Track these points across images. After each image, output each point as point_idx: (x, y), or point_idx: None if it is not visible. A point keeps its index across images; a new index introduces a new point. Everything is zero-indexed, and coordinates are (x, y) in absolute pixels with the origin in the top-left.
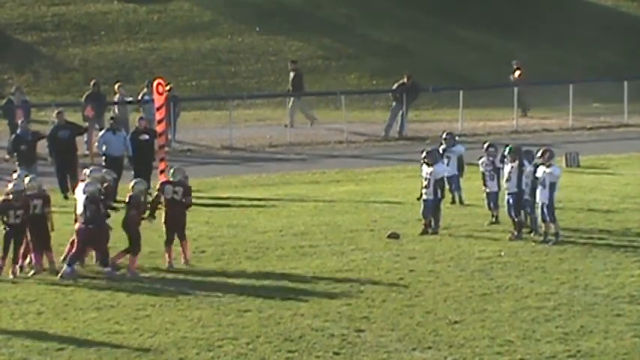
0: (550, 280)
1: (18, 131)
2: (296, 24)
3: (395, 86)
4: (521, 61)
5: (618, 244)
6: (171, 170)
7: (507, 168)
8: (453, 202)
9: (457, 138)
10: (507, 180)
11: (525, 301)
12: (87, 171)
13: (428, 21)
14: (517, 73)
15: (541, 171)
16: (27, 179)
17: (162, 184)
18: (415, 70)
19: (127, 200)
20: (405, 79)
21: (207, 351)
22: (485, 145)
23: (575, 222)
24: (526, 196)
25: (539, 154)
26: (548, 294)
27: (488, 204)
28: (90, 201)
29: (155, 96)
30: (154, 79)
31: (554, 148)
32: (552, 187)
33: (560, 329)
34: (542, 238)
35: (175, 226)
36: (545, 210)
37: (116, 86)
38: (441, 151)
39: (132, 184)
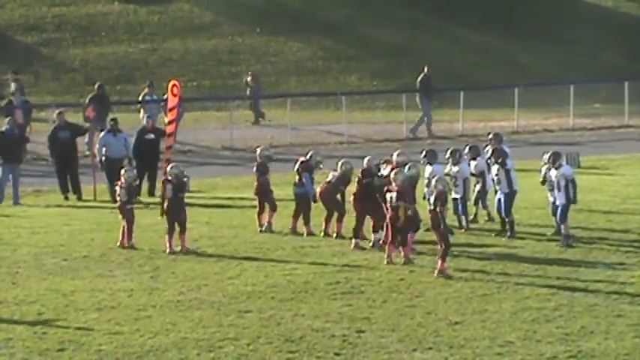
0: (551, 281)
1: (3, 128)
2: (296, 25)
3: (420, 78)
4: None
5: (619, 245)
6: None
7: (494, 170)
8: None
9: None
10: (498, 183)
11: (526, 301)
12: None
13: (428, 22)
14: (249, 78)
15: (553, 175)
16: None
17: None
18: (415, 71)
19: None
20: (426, 70)
21: (208, 352)
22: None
23: (576, 222)
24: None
25: (544, 158)
26: (548, 294)
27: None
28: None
29: (169, 97)
30: (169, 80)
31: (555, 148)
32: (568, 186)
33: (561, 330)
34: (565, 241)
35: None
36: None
37: None
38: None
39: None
